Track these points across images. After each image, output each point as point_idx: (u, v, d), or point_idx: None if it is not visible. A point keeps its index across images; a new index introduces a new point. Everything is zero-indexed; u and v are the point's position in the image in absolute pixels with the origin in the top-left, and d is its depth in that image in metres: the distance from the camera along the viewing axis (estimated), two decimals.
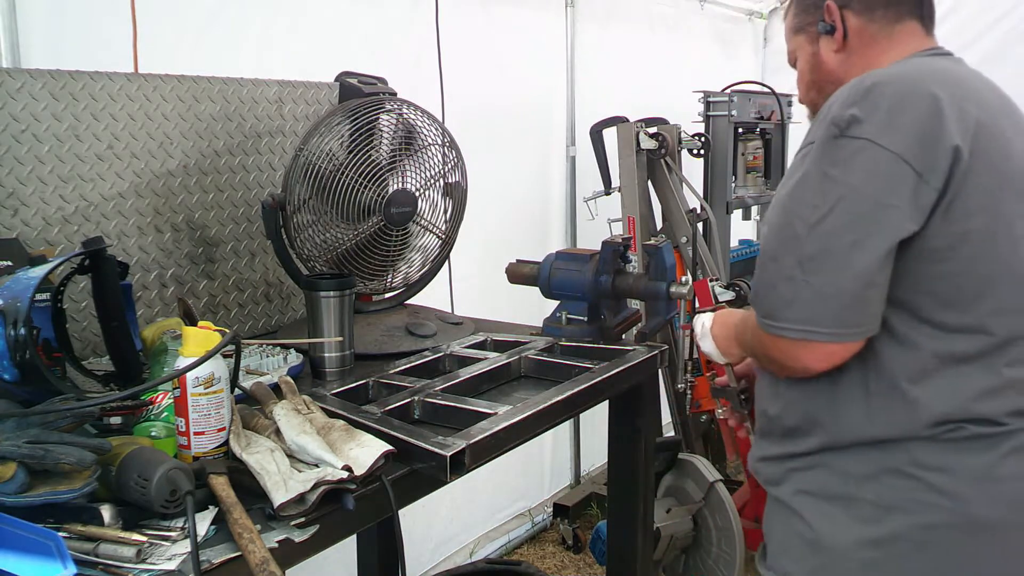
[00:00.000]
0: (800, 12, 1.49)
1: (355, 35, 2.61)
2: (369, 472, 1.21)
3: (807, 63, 1.48)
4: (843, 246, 1.18)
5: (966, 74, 1.34)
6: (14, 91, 1.64)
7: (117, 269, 1.49)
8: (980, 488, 1.21)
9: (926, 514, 1.22)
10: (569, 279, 1.94)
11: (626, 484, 1.97)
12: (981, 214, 1.20)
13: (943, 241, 1.20)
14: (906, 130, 1.19)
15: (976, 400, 1.21)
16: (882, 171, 1.18)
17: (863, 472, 1.26)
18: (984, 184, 1.20)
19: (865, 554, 1.26)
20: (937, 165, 1.18)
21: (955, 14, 3.91)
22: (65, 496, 1.05)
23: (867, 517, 1.26)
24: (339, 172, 1.82)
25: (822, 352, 1.23)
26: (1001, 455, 1.21)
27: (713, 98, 3.48)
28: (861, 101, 1.22)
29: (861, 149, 1.19)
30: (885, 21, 1.40)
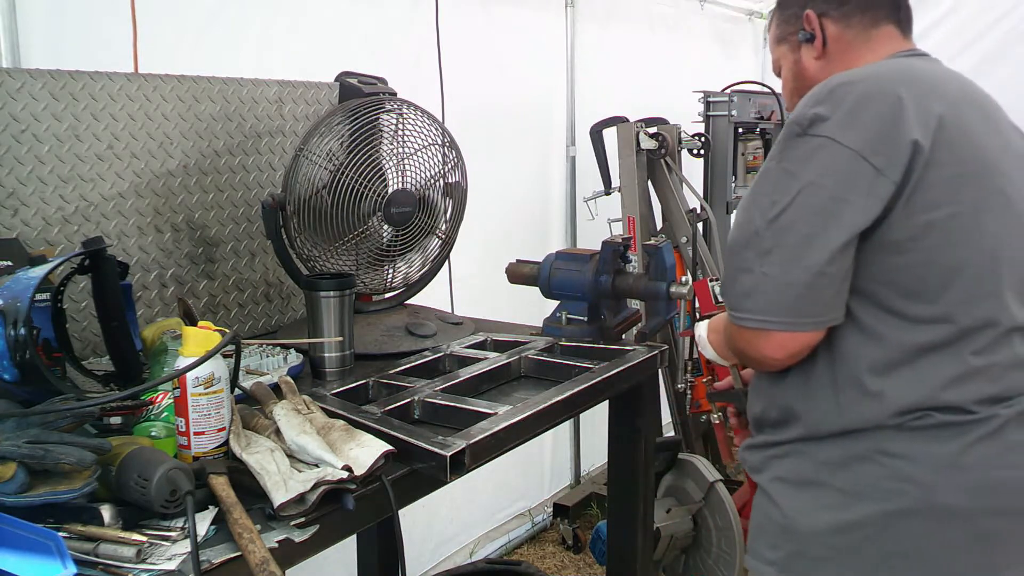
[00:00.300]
0: (782, 23, 1.53)
1: (355, 35, 2.61)
2: (369, 472, 1.21)
3: (790, 71, 1.53)
4: (798, 239, 1.22)
5: (936, 72, 1.37)
6: (14, 91, 1.64)
7: (117, 269, 1.49)
8: (945, 476, 1.23)
9: (892, 501, 1.24)
10: (569, 279, 1.94)
11: (626, 484, 1.97)
12: (944, 206, 1.23)
13: (905, 233, 1.23)
14: (866, 127, 1.22)
15: (943, 389, 1.24)
16: (840, 167, 1.22)
17: (834, 459, 1.29)
18: (946, 176, 1.22)
19: (834, 539, 1.28)
20: (896, 159, 1.21)
21: (955, 14, 3.91)
22: (65, 496, 1.05)
23: (835, 504, 1.28)
24: (339, 172, 1.82)
25: (777, 342, 1.27)
26: (968, 443, 1.23)
27: (713, 98, 3.48)
28: (825, 101, 1.26)
29: (820, 146, 1.23)
30: (862, 27, 1.44)
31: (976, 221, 1.25)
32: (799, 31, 1.48)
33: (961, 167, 1.24)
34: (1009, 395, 1.25)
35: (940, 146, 1.22)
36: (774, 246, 1.24)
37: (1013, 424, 1.24)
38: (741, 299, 1.28)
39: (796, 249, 1.22)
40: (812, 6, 1.46)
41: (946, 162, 1.23)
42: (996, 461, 1.24)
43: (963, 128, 1.27)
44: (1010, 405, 1.25)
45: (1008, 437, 1.24)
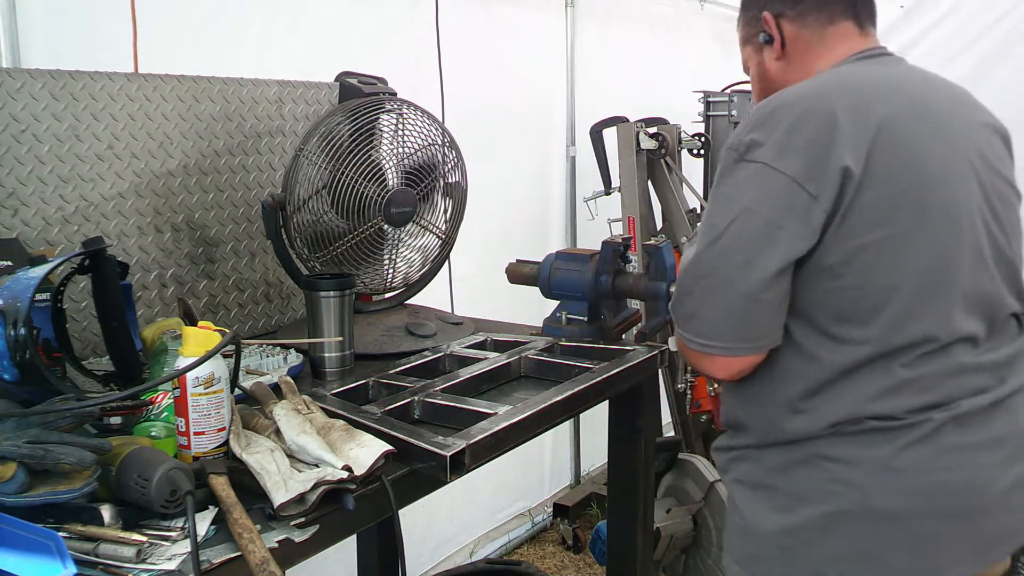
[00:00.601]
0: (745, 25, 1.53)
1: (355, 35, 2.61)
2: (369, 472, 1.21)
3: (755, 72, 1.53)
4: (733, 265, 1.23)
5: (883, 81, 1.34)
6: (14, 91, 1.64)
7: (117, 269, 1.49)
8: (880, 479, 1.24)
9: (831, 503, 1.26)
10: (569, 279, 1.94)
11: (626, 484, 1.97)
12: (876, 228, 1.23)
13: (837, 257, 1.23)
14: (800, 153, 1.22)
15: (871, 401, 1.25)
16: (775, 193, 1.22)
17: (778, 464, 1.32)
18: (879, 198, 1.22)
19: (781, 540, 1.31)
20: (827, 186, 1.21)
21: (955, 14, 3.91)
22: (65, 496, 1.05)
23: (783, 506, 1.31)
24: (339, 172, 1.82)
25: (719, 364, 1.31)
26: (900, 447, 1.24)
27: (713, 98, 3.48)
28: (761, 125, 1.26)
29: (756, 172, 1.24)
30: (818, 25, 1.43)
31: (910, 241, 1.24)
32: (760, 33, 1.48)
33: (895, 187, 1.23)
34: (945, 402, 1.25)
35: (873, 168, 1.22)
36: (711, 271, 1.26)
37: (949, 427, 1.24)
38: (685, 321, 1.31)
39: (732, 275, 1.24)
40: (769, 8, 1.46)
41: (880, 183, 1.22)
42: (930, 464, 1.24)
43: (902, 144, 1.25)
44: (946, 410, 1.25)
45: (943, 440, 1.24)
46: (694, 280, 1.28)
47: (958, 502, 1.25)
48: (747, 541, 1.37)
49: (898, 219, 1.24)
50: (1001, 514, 1.28)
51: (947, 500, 1.25)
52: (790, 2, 1.44)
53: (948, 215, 1.27)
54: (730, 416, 1.43)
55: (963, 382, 1.27)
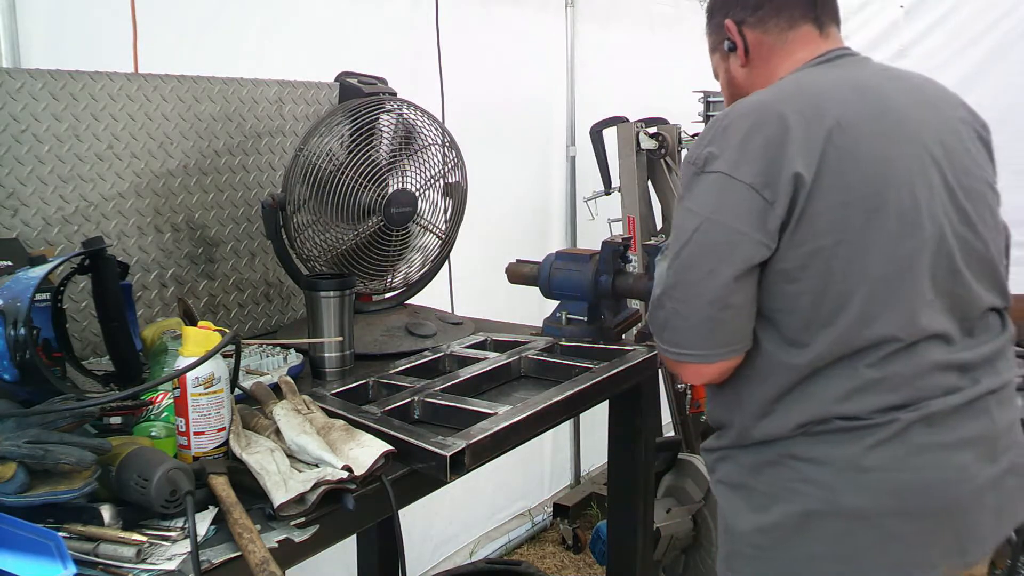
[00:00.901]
0: (711, 33, 1.54)
1: (355, 35, 2.61)
2: (369, 472, 1.21)
3: (723, 79, 1.55)
4: (699, 275, 1.26)
5: (837, 81, 1.34)
6: (14, 91, 1.64)
7: (117, 269, 1.49)
8: (848, 478, 1.25)
9: (801, 502, 1.28)
10: (569, 279, 1.94)
11: (626, 484, 1.97)
12: (830, 232, 1.24)
13: (794, 263, 1.25)
14: (754, 160, 1.24)
15: (838, 403, 1.26)
16: (734, 201, 1.25)
17: (752, 464, 1.34)
18: (831, 202, 1.23)
19: (757, 539, 1.33)
20: (781, 192, 1.23)
21: (955, 14, 3.91)
22: (65, 496, 1.05)
23: (759, 505, 1.33)
24: (339, 172, 1.82)
25: (694, 370, 1.33)
26: (866, 447, 1.24)
27: (713, 98, 3.48)
28: (717, 138, 1.29)
29: (715, 182, 1.27)
30: (779, 30, 1.43)
31: (865, 245, 1.24)
32: (724, 40, 1.49)
33: (848, 193, 1.24)
34: (912, 402, 1.25)
35: (825, 174, 1.23)
36: (678, 282, 1.28)
37: (918, 427, 1.25)
38: (658, 332, 1.33)
39: (698, 283, 1.26)
40: (731, 15, 1.47)
41: (831, 189, 1.23)
42: (898, 464, 1.24)
43: (855, 148, 1.26)
44: (915, 409, 1.25)
45: (912, 440, 1.24)
46: (664, 291, 1.30)
47: (929, 502, 1.25)
48: (728, 540, 1.39)
49: (851, 224, 1.24)
50: (975, 514, 1.28)
51: (918, 500, 1.25)
52: (750, 9, 1.45)
53: (906, 217, 1.26)
54: (713, 417, 1.45)
55: (933, 381, 1.27)
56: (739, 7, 1.46)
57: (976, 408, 1.29)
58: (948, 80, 1.50)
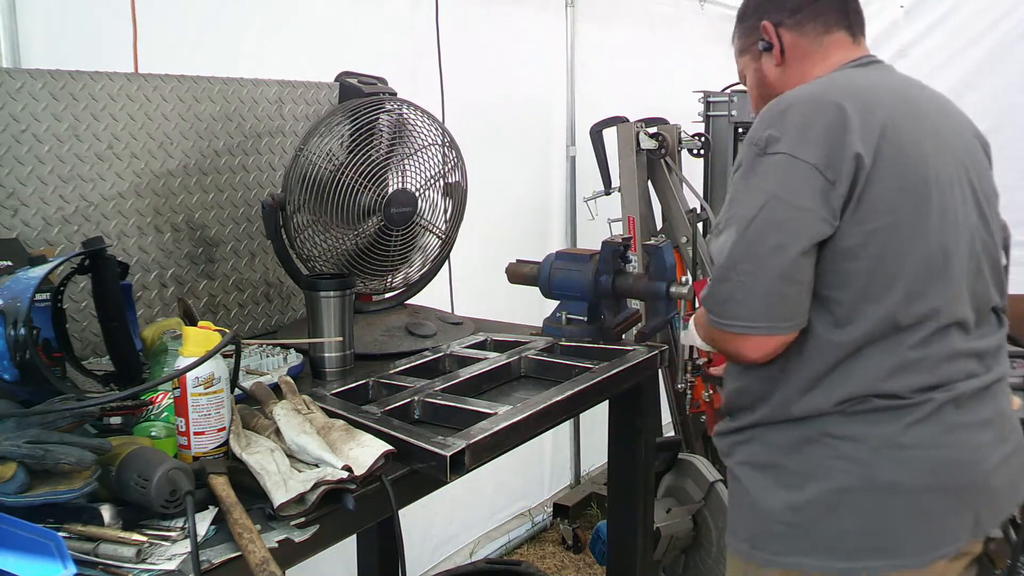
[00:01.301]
0: (743, 35, 1.63)
1: (355, 35, 2.61)
2: (369, 472, 1.21)
3: (753, 79, 1.63)
4: (767, 249, 1.31)
5: (878, 84, 1.44)
6: (14, 91, 1.64)
7: (117, 269, 1.49)
8: (885, 455, 1.32)
9: (838, 479, 1.34)
10: (569, 279, 1.94)
11: (626, 484, 1.97)
12: (886, 214, 1.32)
13: (852, 240, 1.32)
14: (816, 142, 1.31)
15: (881, 380, 1.33)
16: (798, 180, 1.31)
17: (785, 443, 1.39)
18: (888, 185, 1.31)
19: (789, 517, 1.37)
20: (842, 172, 1.30)
21: (955, 14, 3.91)
22: (65, 496, 1.05)
23: (791, 483, 1.38)
24: (339, 172, 1.82)
25: (755, 344, 1.37)
26: (904, 425, 1.32)
27: (713, 98, 3.48)
28: (777, 122, 1.35)
29: (779, 162, 1.33)
30: (815, 34, 1.53)
31: (915, 230, 1.33)
32: (759, 41, 1.58)
33: (901, 181, 1.32)
34: (944, 383, 1.34)
35: (882, 158, 1.31)
36: (747, 256, 1.33)
37: (949, 408, 1.33)
38: (721, 306, 1.37)
39: (766, 258, 1.31)
40: (768, 17, 1.55)
41: (887, 175, 1.31)
42: (934, 442, 1.33)
43: (903, 141, 1.34)
44: (946, 391, 1.34)
45: (944, 419, 1.33)
46: (730, 266, 1.34)
47: (957, 478, 1.34)
48: (755, 520, 1.42)
49: (904, 209, 1.32)
50: (989, 491, 1.37)
51: (948, 476, 1.33)
52: (788, 12, 1.54)
53: (945, 213, 1.36)
54: (736, 400, 1.48)
55: (958, 366, 1.36)
56: (776, 10, 1.55)
57: (990, 392, 1.40)
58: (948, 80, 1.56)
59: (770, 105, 1.39)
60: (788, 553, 1.38)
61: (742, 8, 1.63)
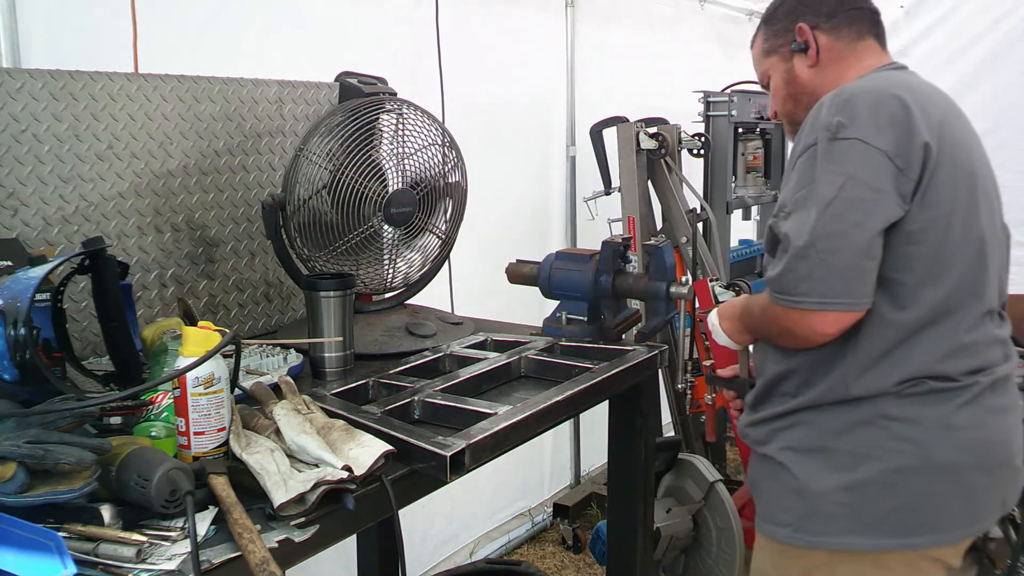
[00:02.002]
0: (771, 36, 1.70)
1: (355, 35, 2.61)
2: (369, 472, 1.21)
3: (782, 79, 1.68)
4: (848, 226, 1.35)
5: (920, 83, 1.52)
6: (14, 91, 1.64)
7: (117, 269, 1.49)
8: (939, 435, 1.40)
9: (893, 459, 1.40)
10: (569, 279, 1.94)
11: (626, 484, 1.97)
12: (946, 203, 1.40)
13: (918, 225, 1.39)
14: (885, 130, 1.38)
15: (938, 362, 1.40)
16: (872, 163, 1.37)
17: (838, 426, 1.44)
18: (947, 177, 1.39)
19: (842, 498, 1.42)
20: (913, 159, 1.37)
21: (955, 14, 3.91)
22: (65, 496, 1.05)
23: (843, 465, 1.43)
24: (339, 172, 1.82)
25: (831, 320, 1.39)
26: (956, 407, 1.40)
27: (713, 98, 3.48)
28: (843, 110, 1.40)
29: (852, 147, 1.38)
30: (849, 39, 1.61)
31: (968, 216, 1.42)
32: (791, 42, 1.64)
33: (956, 169, 1.41)
34: (986, 367, 1.43)
35: (943, 149, 1.39)
36: (827, 233, 1.36)
37: (988, 391, 1.43)
38: (798, 283, 1.39)
39: (846, 237, 1.35)
40: (804, 19, 1.62)
41: (947, 163, 1.39)
42: (979, 422, 1.41)
43: (955, 136, 1.43)
44: (989, 374, 1.43)
45: (986, 402, 1.42)
46: (811, 242, 1.36)
47: (995, 457, 1.44)
48: (802, 502, 1.46)
49: (959, 199, 1.41)
50: (1014, 470, 1.48)
51: (989, 455, 1.43)
52: (824, 16, 1.61)
53: (986, 205, 1.46)
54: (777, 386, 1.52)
55: (996, 351, 1.46)
56: (812, 13, 1.62)
57: (1011, 379, 1.50)
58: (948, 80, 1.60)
59: (831, 96, 1.43)
60: (837, 534, 1.42)
61: (770, 11, 1.70)
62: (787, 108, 1.69)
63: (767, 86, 1.74)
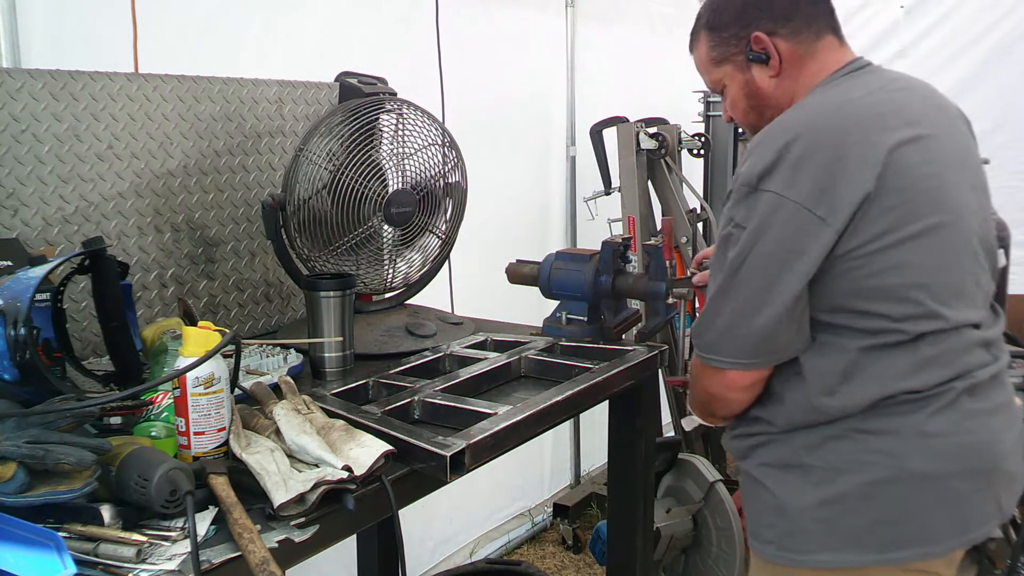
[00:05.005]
0: (719, 45, 1.52)
1: (355, 35, 2.61)
2: (369, 472, 1.21)
3: (741, 91, 1.53)
4: (756, 290, 1.32)
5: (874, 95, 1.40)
6: (14, 91, 1.64)
7: (117, 269, 1.49)
8: (913, 444, 1.34)
9: (868, 472, 1.34)
10: (569, 279, 1.94)
11: (626, 484, 1.97)
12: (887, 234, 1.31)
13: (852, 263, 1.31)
14: (808, 180, 1.29)
15: (901, 379, 1.33)
16: (787, 220, 1.30)
17: (811, 442, 1.39)
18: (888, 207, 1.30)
19: (820, 513, 1.37)
20: (839, 207, 1.28)
21: (955, 14, 3.91)
22: (65, 496, 1.05)
23: (819, 480, 1.37)
24: (339, 172, 1.82)
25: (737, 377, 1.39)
26: (929, 414, 1.34)
27: (713, 98, 3.48)
28: (768, 157, 1.32)
29: (768, 201, 1.31)
30: (809, 41, 1.47)
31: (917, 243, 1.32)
32: (745, 51, 1.49)
33: (901, 197, 1.31)
34: (962, 374, 1.36)
35: (883, 185, 1.30)
36: (736, 296, 1.34)
37: (966, 395, 1.35)
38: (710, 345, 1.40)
39: (756, 299, 1.32)
40: (758, 27, 1.47)
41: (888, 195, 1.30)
42: (956, 428, 1.34)
43: (910, 160, 1.33)
44: (967, 379, 1.36)
45: (963, 407, 1.35)
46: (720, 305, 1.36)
47: (980, 462, 1.36)
48: (782, 520, 1.42)
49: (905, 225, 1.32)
50: (1006, 473, 1.40)
51: (972, 460, 1.35)
52: (782, 20, 1.46)
53: (951, 225, 1.36)
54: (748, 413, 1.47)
55: (975, 357, 1.38)
56: (767, 19, 1.46)
57: (999, 379, 1.42)
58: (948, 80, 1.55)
59: (764, 137, 1.36)
60: (817, 551, 1.38)
61: (714, 17, 1.52)
62: (750, 119, 1.55)
63: (720, 92, 1.59)
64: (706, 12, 1.55)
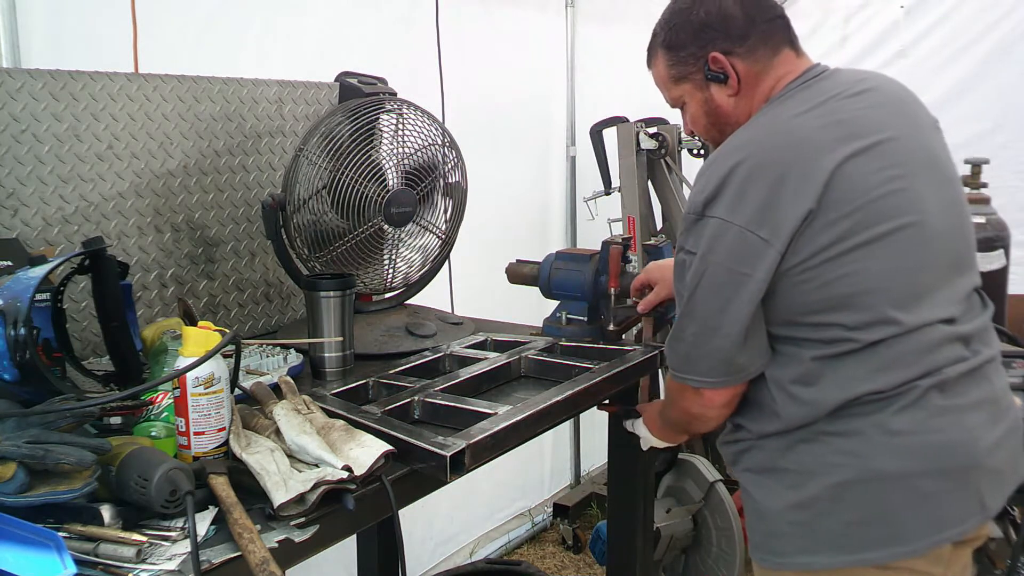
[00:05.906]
0: (677, 63, 1.51)
1: (355, 35, 2.61)
2: (369, 472, 1.21)
3: (701, 108, 1.53)
4: (710, 313, 1.36)
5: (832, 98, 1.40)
6: (14, 91, 1.64)
7: (117, 269, 1.49)
8: (878, 444, 1.33)
9: (836, 473, 1.35)
10: (569, 279, 1.94)
11: (626, 484, 1.97)
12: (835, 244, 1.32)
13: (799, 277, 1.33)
14: (752, 203, 1.32)
15: (861, 383, 1.33)
16: (732, 244, 1.33)
17: (782, 445, 1.41)
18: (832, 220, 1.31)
19: (795, 516, 1.39)
20: (781, 228, 1.31)
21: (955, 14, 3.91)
22: (65, 496, 1.05)
23: (793, 483, 1.39)
24: (339, 172, 1.82)
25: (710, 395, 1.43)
26: (892, 413, 1.33)
27: None
28: (714, 185, 1.35)
29: (714, 227, 1.34)
30: (766, 58, 1.46)
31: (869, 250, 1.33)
32: (703, 71, 1.48)
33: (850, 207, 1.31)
34: (928, 372, 1.34)
35: (827, 200, 1.30)
36: (693, 320, 1.39)
37: (935, 393, 1.33)
38: (681, 364, 1.44)
39: (712, 321, 1.36)
40: (714, 47, 1.46)
41: (832, 208, 1.31)
42: (922, 426, 1.33)
43: (854, 170, 1.32)
44: (932, 376, 1.34)
45: (931, 404, 1.33)
46: (682, 328, 1.41)
47: (952, 460, 1.34)
48: (763, 524, 1.44)
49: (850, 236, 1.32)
50: (988, 470, 1.37)
51: (943, 459, 1.33)
52: (738, 40, 1.45)
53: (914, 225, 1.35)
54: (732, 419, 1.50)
55: (943, 353, 1.35)
56: (723, 39, 1.45)
57: (979, 375, 1.39)
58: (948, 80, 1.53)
59: (710, 165, 1.38)
60: (796, 554, 1.38)
61: (671, 36, 1.51)
62: (711, 135, 1.56)
63: (680, 108, 1.60)
64: (662, 31, 1.53)
